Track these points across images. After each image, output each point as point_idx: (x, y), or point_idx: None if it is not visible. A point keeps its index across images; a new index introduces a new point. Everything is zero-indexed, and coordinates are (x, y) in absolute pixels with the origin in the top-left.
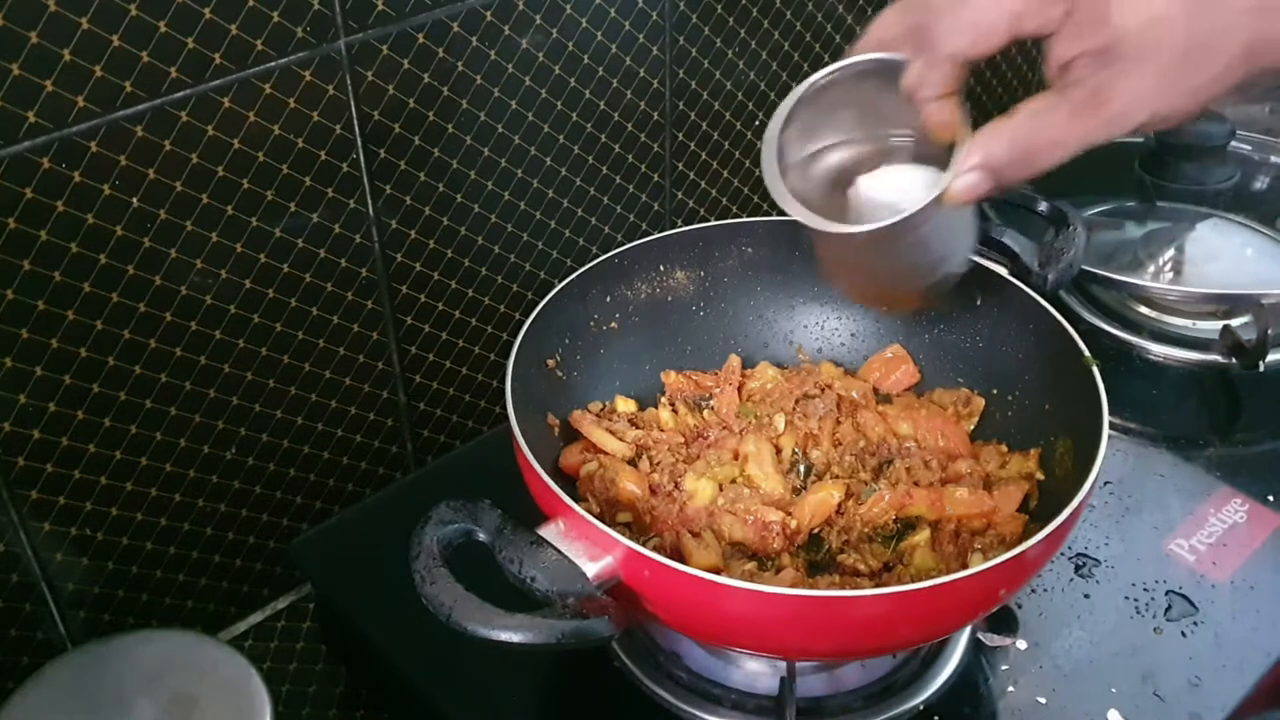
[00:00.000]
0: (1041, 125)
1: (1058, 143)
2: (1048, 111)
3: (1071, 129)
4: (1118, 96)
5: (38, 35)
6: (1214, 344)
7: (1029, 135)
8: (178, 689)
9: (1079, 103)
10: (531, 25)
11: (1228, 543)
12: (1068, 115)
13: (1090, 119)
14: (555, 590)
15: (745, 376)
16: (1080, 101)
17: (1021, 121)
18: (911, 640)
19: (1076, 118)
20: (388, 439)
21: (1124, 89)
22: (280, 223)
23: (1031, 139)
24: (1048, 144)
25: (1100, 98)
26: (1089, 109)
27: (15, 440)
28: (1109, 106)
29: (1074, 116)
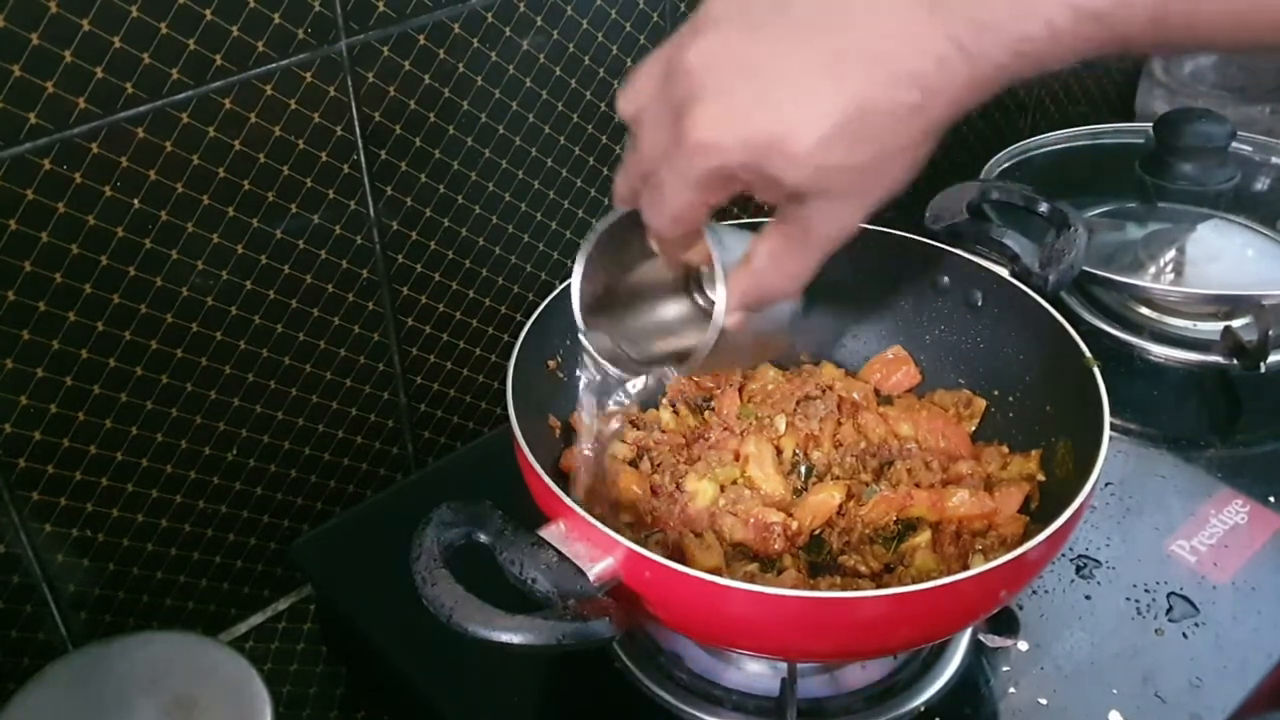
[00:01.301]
0: (777, 264)
1: (795, 274)
2: (778, 252)
3: (800, 260)
4: (819, 226)
5: (39, 36)
6: (1215, 345)
7: (771, 277)
8: (179, 690)
9: (796, 238)
10: (532, 27)
11: (1229, 544)
12: (794, 250)
13: (809, 248)
14: (556, 591)
15: (746, 377)
16: (796, 237)
17: (763, 267)
18: (912, 641)
19: (800, 250)
20: (388, 440)
21: (821, 220)
22: (281, 224)
23: (774, 277)
24: (789, 277)
25: (808, 231)
26: (804, 242)
27: (16, 441)
28: (817, 234)
29: (799, 250)
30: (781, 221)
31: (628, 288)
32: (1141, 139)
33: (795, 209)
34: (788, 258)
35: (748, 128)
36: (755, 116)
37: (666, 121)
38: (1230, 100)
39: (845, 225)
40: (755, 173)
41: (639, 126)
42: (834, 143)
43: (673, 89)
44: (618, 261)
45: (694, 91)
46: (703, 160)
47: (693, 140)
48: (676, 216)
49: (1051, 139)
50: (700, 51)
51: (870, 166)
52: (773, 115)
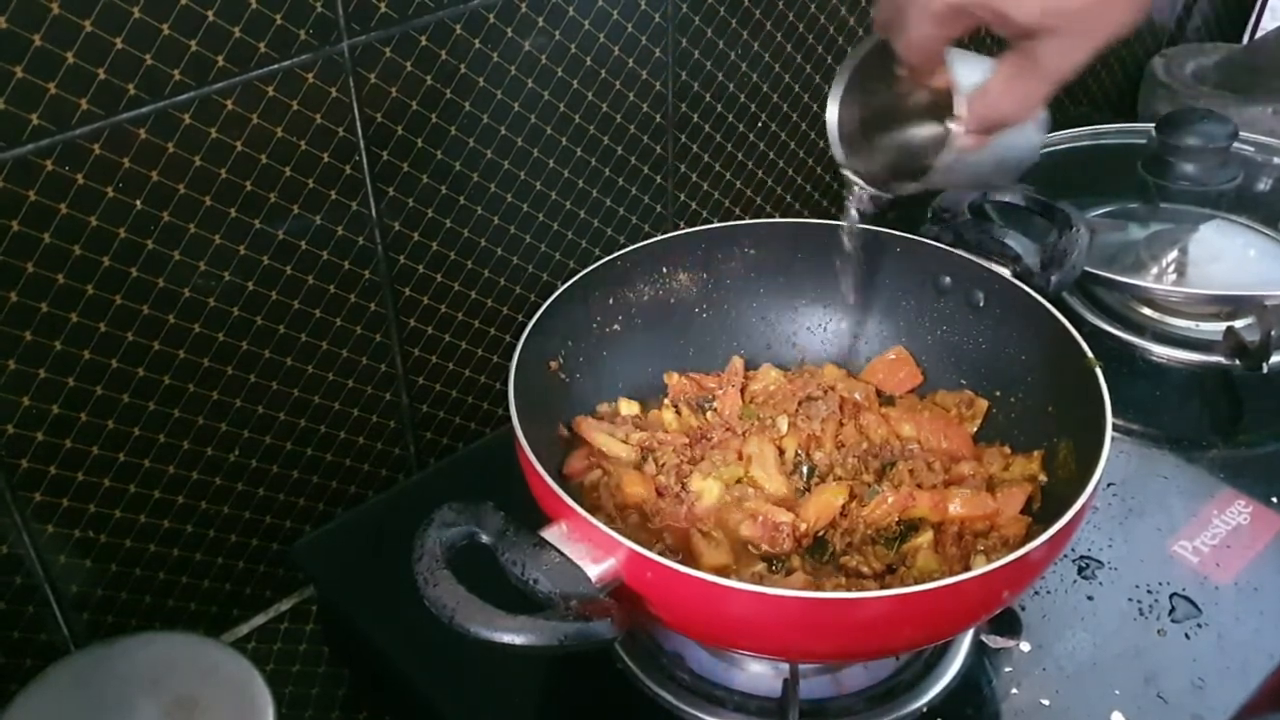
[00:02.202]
0: (1009, 91)
1: (1025, 101)
2: (1010, 80)
3: (1030, 89)
4: (1048, 60)
5: (41, 38)
6: (1217, 345)
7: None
8: (181, 691)
9: (1026, 69)
10: (534, 27)
11: (1231, 544)
12: (1025, 79)
13: (1038, 80)
14: (558, 592)
15: (748, 378)
16: (1027, 68)
17: (997, 92)
18: (915, 642)
19: (1030, 80)
20: (390, 441)
21: (1049, 55)
22: (283, 225)
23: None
24: (1019, 103)
25: (1036, 63)
26: (1033, 73)
27: (18, 442)
28: (1045, 68)
29: (1028, 80)
30: (1015, 53)
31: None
32: (1144, 139)
33: (1027, 43)
34: (1019, 86)
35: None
36: None
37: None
38: (1232, 101)
39: (1072, 62)
40: (988, 9)
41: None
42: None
43: None
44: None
45: None
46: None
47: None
48: (917, 45)
49: (1054, 139)
50: None
51: (1094, 8)
52: None
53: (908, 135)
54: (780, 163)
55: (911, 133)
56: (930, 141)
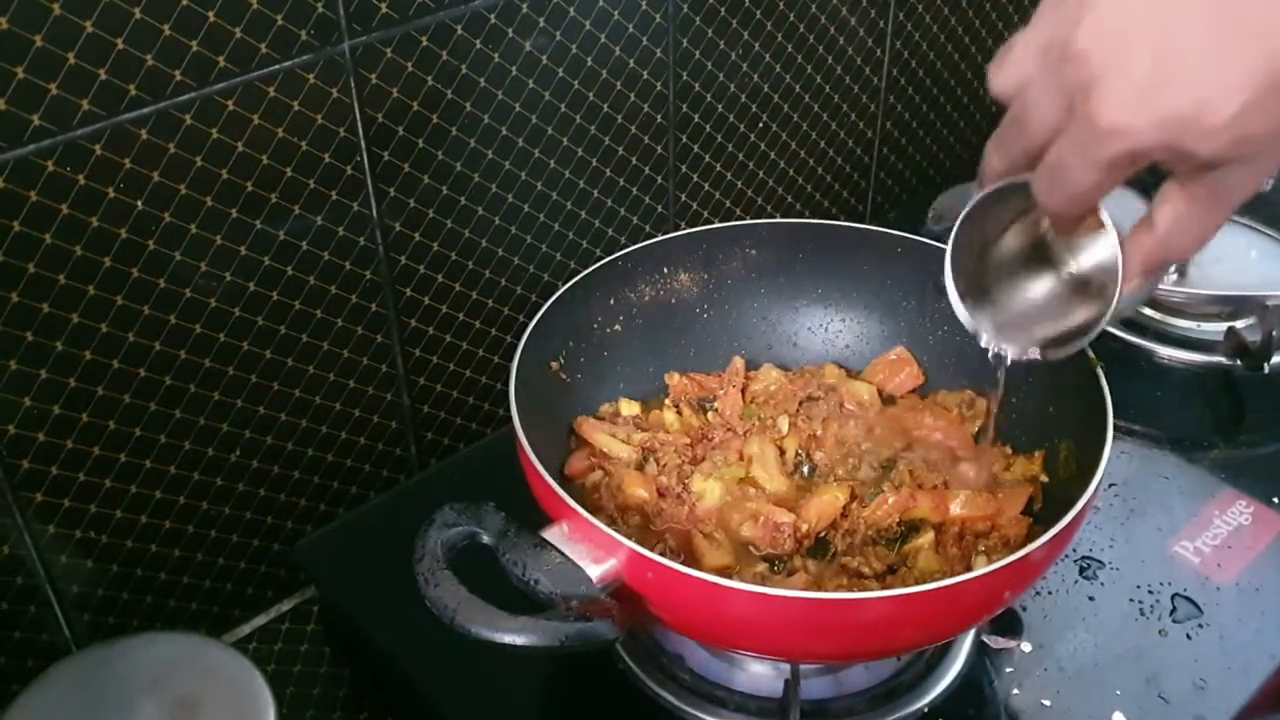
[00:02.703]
0: (1183, 227)
1: (1201, 236)
2: (1185, 215)
3: (1207, 222)
4: (1230, 189)
5: (42, 38)
6: (1218, 346)
7: (1179, 240)
8: (182, 691)
9: (1204, 200)
10: (535, 28)
11: (1232, 545)
12: (1202, 212)
13: (1217, 210)
14: (559, 592)
15: (749, 378)
16: (1204, 199)
17: (1169, 230)
18: (916, 643)
19: (1208, 213)
20: (391, 442)
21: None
22: (284, 225)
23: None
24: (1194, 239)
25: (1216, 194)
26: (1212, 204)
27: (20, 442)
28: (1227, 197)
29: (1206, 212)
30: (1187, 184)
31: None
32: None
33: (1203, 173)
34: (1194, 220)
35: (1161, 106)
36: (1166, 94)
37: (1060, 103)
38: None
39: (1255, 186)
40: (1169, 150)
41: (1023, 105)
42: (1252, 112)
43: (1067, 71)
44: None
45: (1094, 73)
46: (1114, 144)
47: (1103, 124)
48: (1081, 197)
49: None
50: (1091, 31)
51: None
52: (1185, 90)
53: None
54: (781, 163)
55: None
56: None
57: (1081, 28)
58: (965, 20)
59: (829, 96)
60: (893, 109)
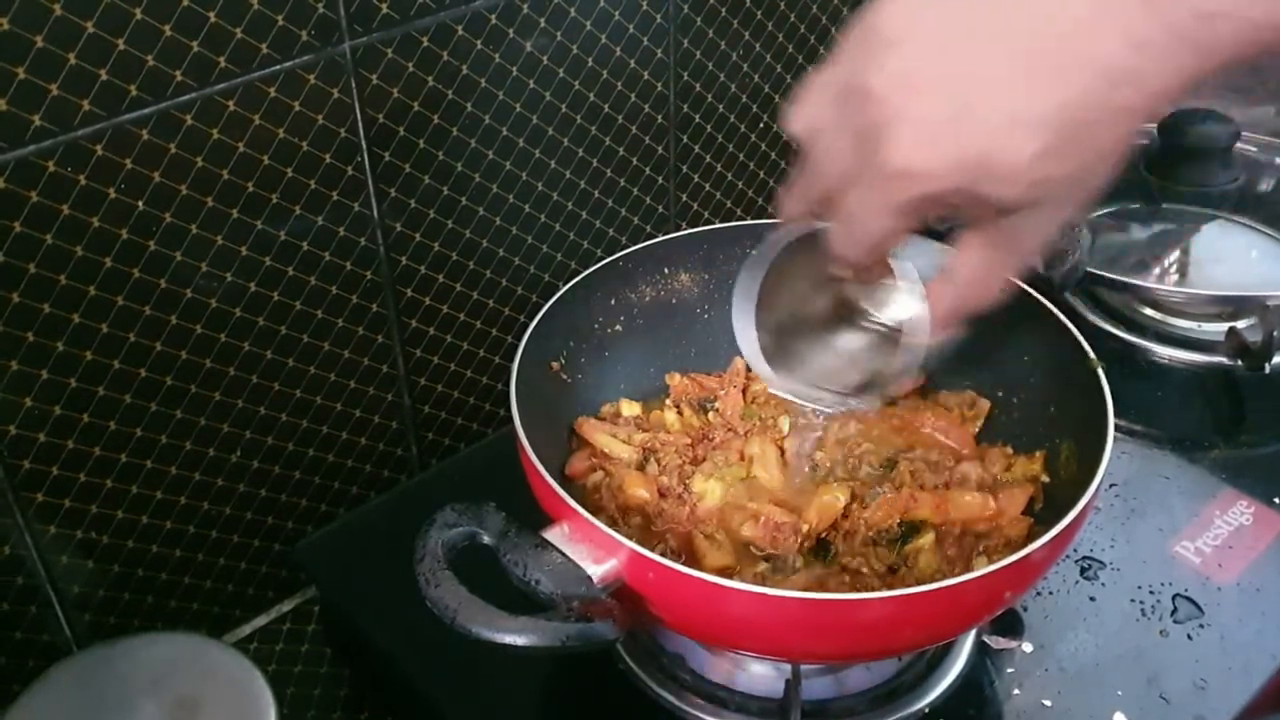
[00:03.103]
0: (983, 277)
1: (1002, 284)
2: (984, 264)
3: (1007, 270)
4: (1028, 236)
5: (43, 39)
6: (1219, 346)
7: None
8: (183, 691)
9: (1003, 248)
10: (535, 28)
11: (1233, 545)
12: (1001, 261)
13: (1016, 257)
14: (560, 593)
15: (749, 378)
16: (1003, 246)
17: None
18: (917, 643)
19: (1007, 260)
20: (392, 442)
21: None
22: (285, 225)
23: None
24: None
25: (1015, 241)
26: (1011, 251)
27: (21, 443)
28: (1025, 244)
29: (1005, 260)
30: (984, 232)
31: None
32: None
33: (997, 219)
34: (994, 269)
35: (954, 150)
36: (960, 137)
37: (852, 146)
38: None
39: (1050, 232)
40: (964, 195)
41: (816, 148)
42: (1049, 156)
43: (859, 113)
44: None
45: (886, 116)
46: (906, 188)
47: (893, 167)
48: (873, 244)
49: None
50: (884, 73)
51: (1083, 172)
52: (978, 134)
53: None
54: (782, 163)
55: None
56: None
57: (879, 67)
58: None
59: None
60: None
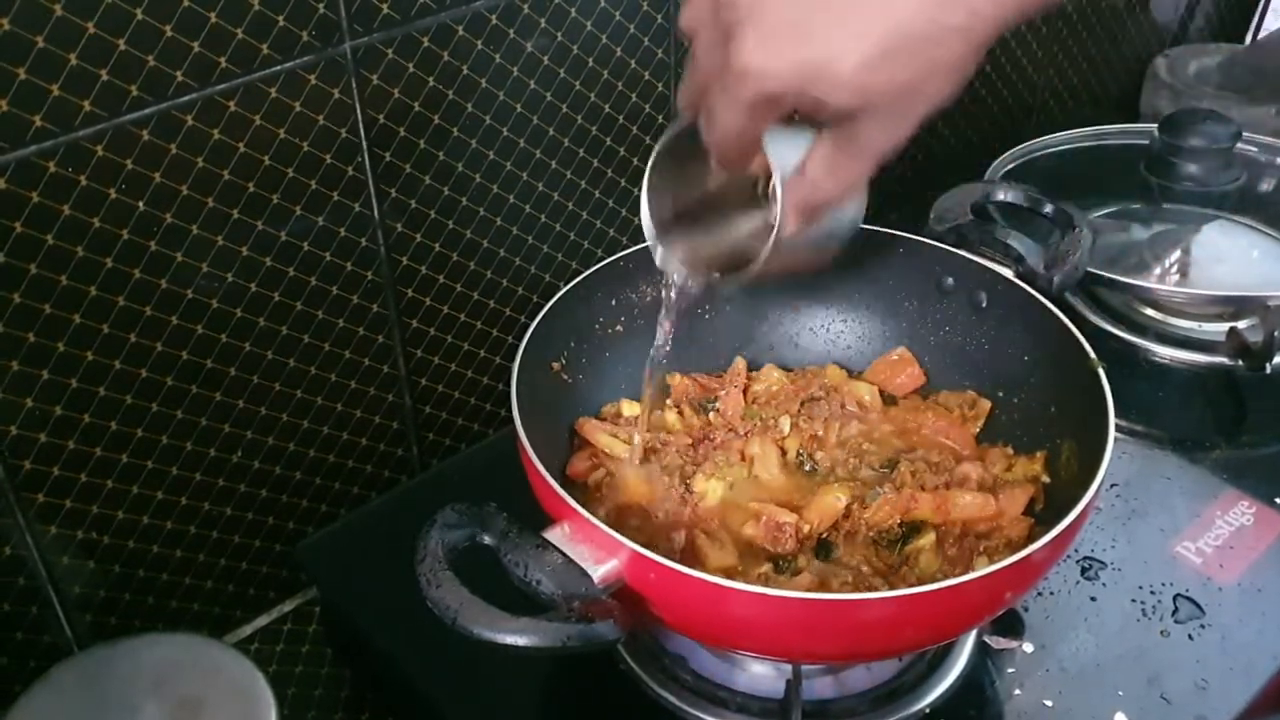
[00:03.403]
0: (829, 174)
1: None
2: (829, 161)
3: (850, 169)
4: (868, 139)
5: (44, 39)
6: (1220, 346)
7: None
8: (184, 692)
9: (845, 149)
10: (536, 28)
11: (1234, 545)
12: (844, 160)
13: (859, 159)
14: (560, 593)
15: (750, 379)
16: (845, 148)
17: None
18: (917, 643)
19: (850, 160)
20: (393, 442)
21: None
22: (285, 226)
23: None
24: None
25: (855, 142)
26: (853, 153)
27: (22, 443)
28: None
29: (848, 160)
30: (832, 134)
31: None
32: (1146, 140)
33: (845, 123)
34: (839, 167)
35: (793, 54)
36: (800, 43)
37: (718, 42)
38: (1235, 101)
39: (892, 138)
40: (801, 96)
41: (695, 43)
42: (875, 65)
43: (724, 12)
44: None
45: (742, 18)
46: (751, 85)
47: (740, 66)
48: (729, 136)
49: (1056, 140)
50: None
51: (912, 85)
52: (816, 41)
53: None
54: None
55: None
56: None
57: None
58: None
59: None
60: None
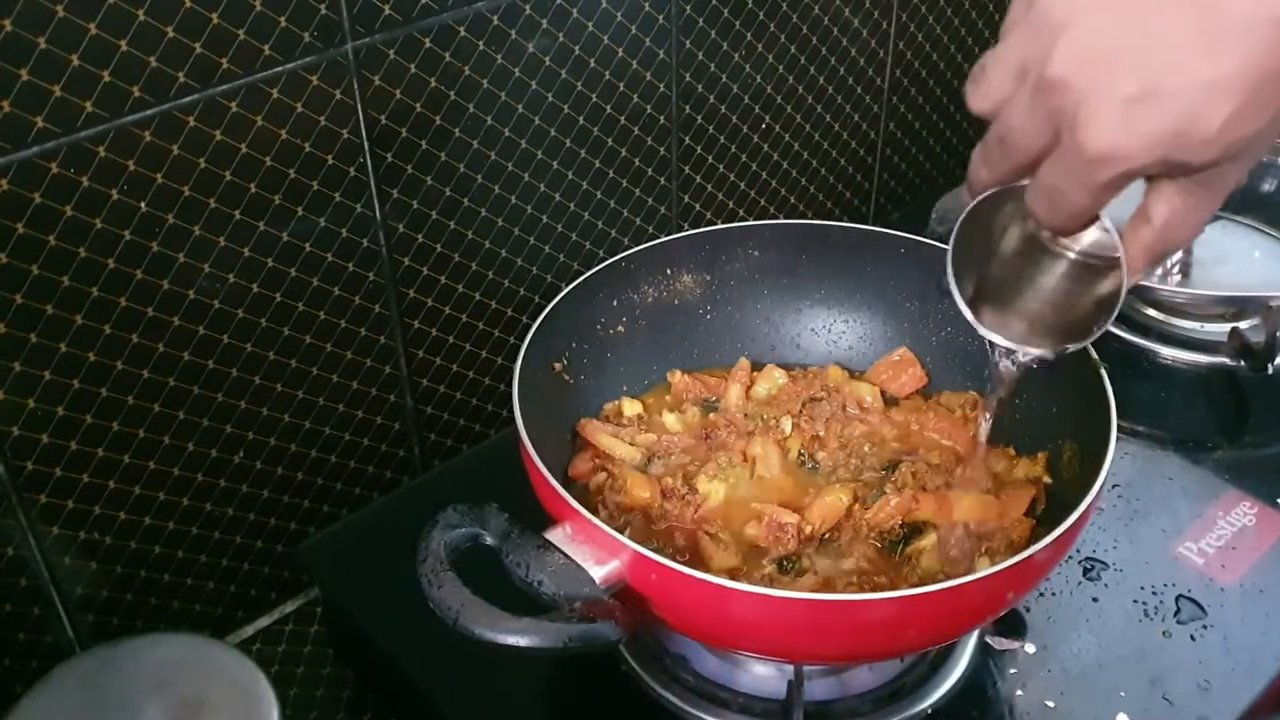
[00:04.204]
0: (1181, 220)
1: (1198, 225)
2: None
3: (1203, 214)
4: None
5: (46, 40)
6: (1222, 346)
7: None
8: (186, 692)
9: (1198, 195)
10: (538, 29)
11: (1236, 546)
12: (1198, 206)
13: (1212, 202)
14: (562, 594)
15: (752, 379)
16: (1199, 194)
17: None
18: (919, 644)
19: (1203, 205)
20: (394, 443)
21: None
22: (287, 227)
23: (1178, 232)
24: (1192, 229)
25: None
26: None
27: (23, 444)
28: (1220, 189)
29: (1202, 205)
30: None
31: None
32: None
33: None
34: (1192, 214)
35: (1149, 127)
36: (1155, 114)
37: (1046, 128)
38: None
39: (1243, 176)
40: (1163, 165)
41: (1007, 127)
42: (1241, 117)
43: (1048, 98)
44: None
45: (1077, 100)
46: (1107, 169)
47: (1093, 153)
48: (1078, 216)
49: None
50: (1068, 54)
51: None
52: (1173, 108)
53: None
54: (784, 164)
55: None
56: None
57: (1058, 50)
58: (968, 20)
59: (832, 97)
60: (896, 110)
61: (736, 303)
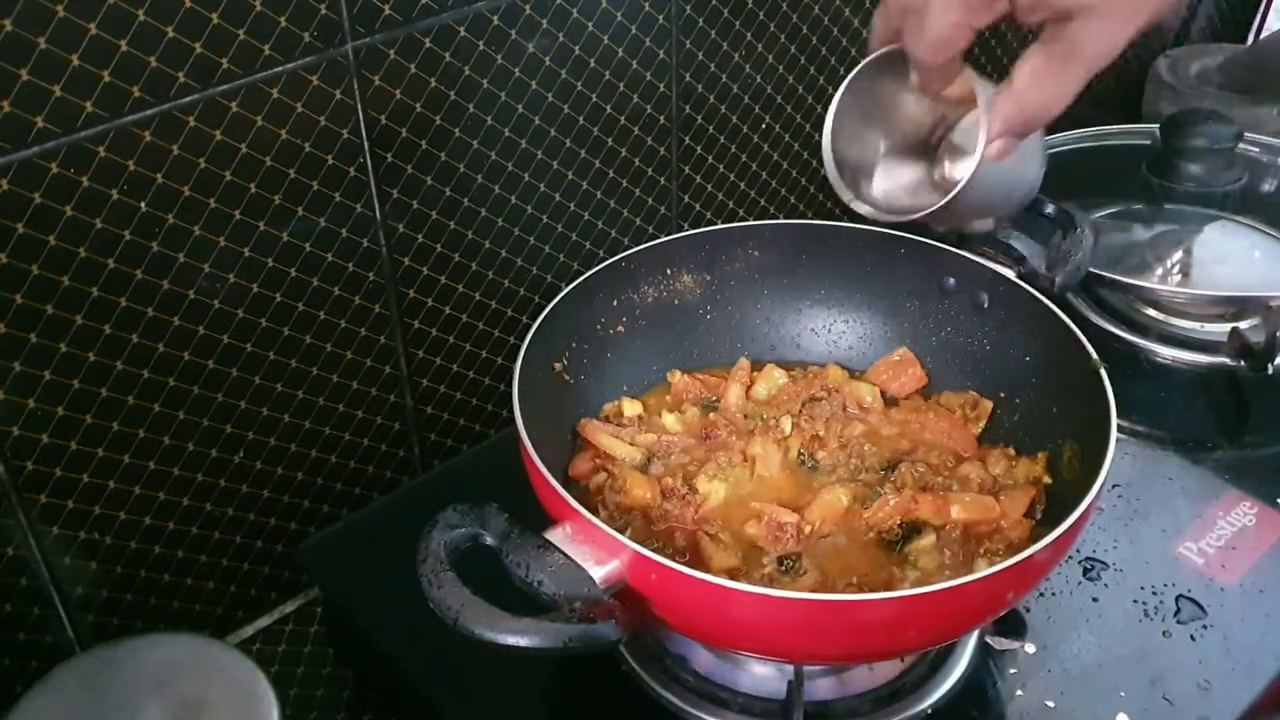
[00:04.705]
0: (1040, 84)
1: (1059, 94)
2: (1041, 71)
3: (1064, 79)
4: (1085, 44)
5: (46, 40)
6: (1222, 346)
7: (1034, 96)
8: (186, 692)
9: (1059, 56)
10: (538, 29)
11: (1236, 546)
12: (1058, 69)
13: (1073, 67)
14: (562, 594)
15: (752, 379)
16: (1060, 55)
17: (1025, 86)
18: (919, 644)
19: (1064, 69)
20: (394, 443)
21: (1088, 38)
22: (287, 227)
23: (1037, 98)
24: (1052, 96)
25: (1073, 49)
26: (1068, 60)
27: (24, 444)
28: (1082, 53)
29: (1062, 69)
30: (1045, 41)
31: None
32: (1148, 140)
33: (1060, 28)
34: (1051, 77)
35: None
36: None
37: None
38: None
39: (1111, 44)
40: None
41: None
42: None
43: None
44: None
45: None
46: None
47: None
48: (941, 39)
49: (1058, 140)
50: None
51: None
52: None
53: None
54: (784, 164)
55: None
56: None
57: None
58: None
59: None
60: None
61: (736, 303)
